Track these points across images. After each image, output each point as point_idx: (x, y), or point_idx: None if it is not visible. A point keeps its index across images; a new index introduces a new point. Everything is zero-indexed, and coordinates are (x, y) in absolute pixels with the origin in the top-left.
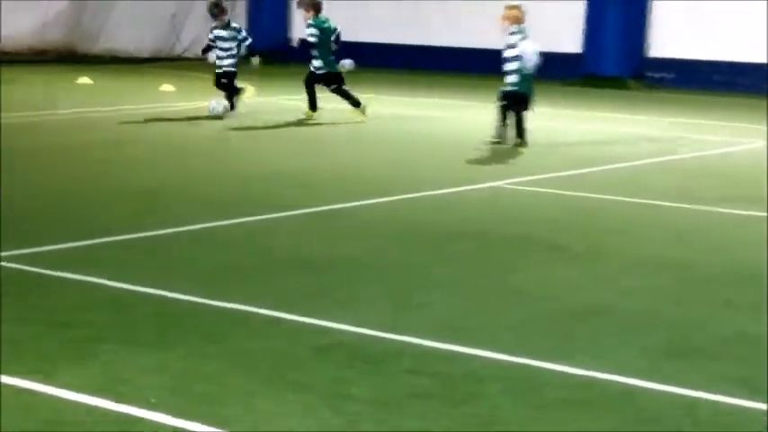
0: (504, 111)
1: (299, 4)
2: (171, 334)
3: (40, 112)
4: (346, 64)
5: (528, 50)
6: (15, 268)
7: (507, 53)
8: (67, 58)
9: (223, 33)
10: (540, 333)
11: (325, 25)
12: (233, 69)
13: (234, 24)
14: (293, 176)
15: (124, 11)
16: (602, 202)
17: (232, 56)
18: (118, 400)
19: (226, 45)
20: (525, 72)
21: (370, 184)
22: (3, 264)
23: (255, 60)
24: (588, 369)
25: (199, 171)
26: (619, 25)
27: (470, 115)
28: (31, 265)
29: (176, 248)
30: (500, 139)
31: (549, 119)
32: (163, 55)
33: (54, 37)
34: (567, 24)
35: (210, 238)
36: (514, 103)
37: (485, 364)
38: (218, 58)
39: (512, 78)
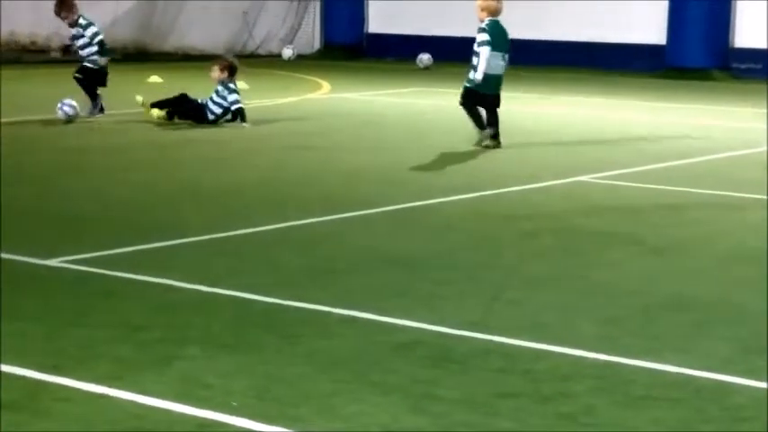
0: (471, 110)
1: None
2: (250, 336)
3: (111, 112)
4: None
5: (484, 57)
6: (88, 271)
7: (475, 47)
8: (137, 56)
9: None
10: (627, 329)
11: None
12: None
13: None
14: (373, 173)
15: (195, 8)
16: (686, 196)
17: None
18: (198, 405)
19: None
20: (490, 72)
21: (454, 179)
22: (78, 267)
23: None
24: (677, 365)
25: (272, 170)
26: (703, 16)
27: (557, 109)
28: (104, 268)
29: (255, 249)
30: (487, 141)
31: (634, 111)
32: (235, 52)
33: (124, 35)
34: (650, 16)
35: (289, 238)
36: (477, 102)
37: (573, 361)
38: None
39: (471, 74)
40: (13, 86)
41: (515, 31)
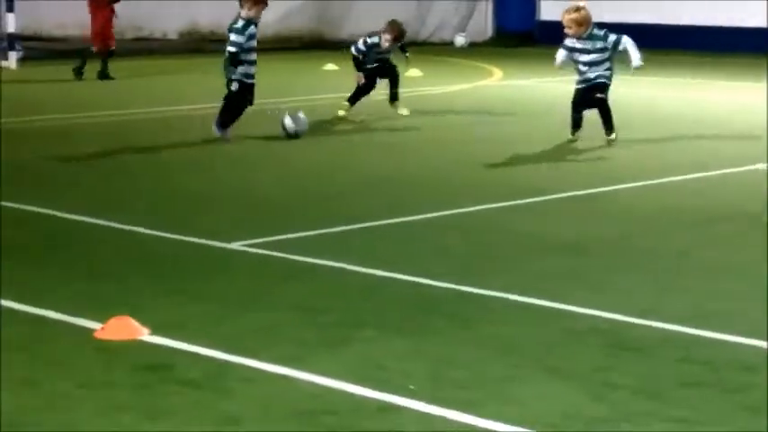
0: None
1: None
2: (425, 320)
3: (288, 99)
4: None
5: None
6: (267, 254)
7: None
8: (314, 44)
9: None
10: None
11: None
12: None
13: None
14: (544, 161)
15: None
16: None
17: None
18: (376, 387)
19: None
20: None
21: (625, 168)
22: (257, 251)
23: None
24: None
25: (445, 157)
26: None
27: (726, 96)
28: (282, 252)
29: (427, 235)
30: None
31: None
32: (408, 40)
33: (300, 24)
34: None
35: (459, 224)
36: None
37: (754, 351)
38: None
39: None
40: (195, 76)
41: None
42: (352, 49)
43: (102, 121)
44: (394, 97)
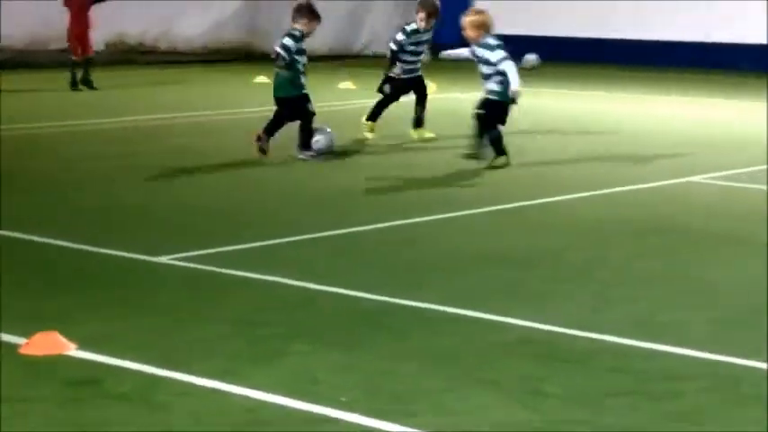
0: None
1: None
2: (360, 332)
3: (218, 111)
4: (531, 59)
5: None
6: (197, 268)
7: (498, 65)
8: (244, 56)
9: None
10: (737, 329)
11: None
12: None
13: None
14: (474, 173)
15: None
16: None
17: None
18: (310, 400)
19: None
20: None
21: (560, 180)
22: (186, 265)
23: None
24: None
25: (383, 169)
26: None
27: (659, 110)
28: (213, 265)
29: (362, 247)
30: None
31: (743, 112)
32: (341, 52)
33: (229, 36)
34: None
35: (393, 237)
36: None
37: (684, 360)
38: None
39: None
40: (122, 88)
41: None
42: (391, 44)
43: (24, 134)
44: (419, 123)
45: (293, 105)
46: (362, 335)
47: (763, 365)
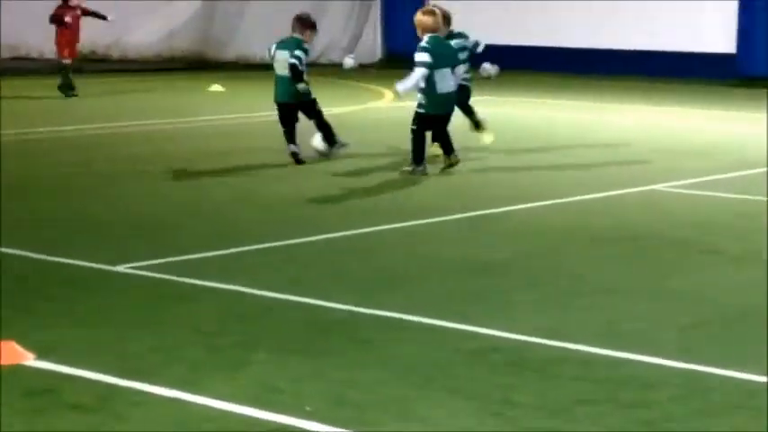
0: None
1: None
2: (323, 342)
3: (172, 120)
4: (489, 69)
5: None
6: (157, 277)
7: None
8: (197, 65)
9: None
10: (706, 337)
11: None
12: None
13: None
14: (440, 181)
15: (255, 17)
16: (760, 205)
17: None
18: (272, 410)
19: None
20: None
21: (522, 188)
22: (146, 273)
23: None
24: (757, 373)
25: (342, 178)
26: None
27: (629, 118)
28: (173, 274)
29: (325, 256)
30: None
31: (706, 120)
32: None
33: (183, 44)
34: (720, 25)
35: (357, 245)
36: (429, 126)
37: (651, 369)
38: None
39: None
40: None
41: (585, 40)
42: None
43: None
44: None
45: (308, 108)
46: (325, 344)
47: (733, 374)
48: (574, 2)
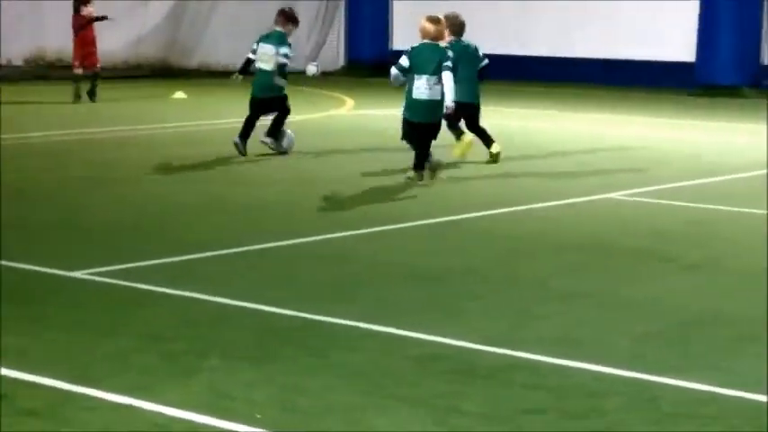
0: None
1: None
2: (274, 348)
3: (137, 127)
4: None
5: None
6: (112, 283)
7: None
8: (163, 73)
9: None
10: (656, 346)
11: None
12: None
13: None
14: (397, 189)
15: (219, 26)
16: (717, 213)
17: None
18: (223, 416)
19: None
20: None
21: (482, 196)
22: (102, 279)
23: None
24: (708, 383)
25: (299, 185)
26: (733, 33)
27: (586, 127)
28: (127, 280)
29: (278, 263)
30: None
31: (664, 129)
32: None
33: (149, 52)
34: (680, 33)
35: (310, 252)
36: (408, 132)
37: (601, 378)
38: None
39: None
40: (39, 103)
41: (544, 48)
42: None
43: None
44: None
45: (280, 103)
46: (277, 351)
47: (684, 383)
48: (532, 11)
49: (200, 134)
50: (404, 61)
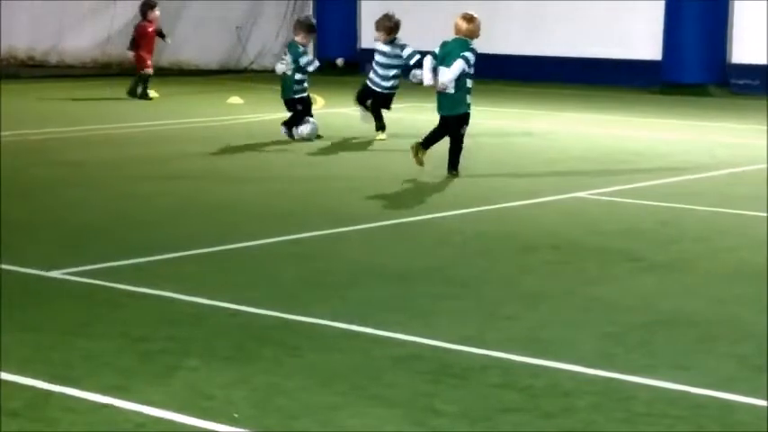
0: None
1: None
2: (251, 348)
3: (107, 126)
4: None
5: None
6: (89, 283)
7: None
8: (132, 71)
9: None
10: (627, 345)
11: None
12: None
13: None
14: (369, 188)
15: (189, 24)
16: (683, 212)
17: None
18: (201, 416)
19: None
20: None
21: (450, 195)
22: (79, 279)
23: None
24: (677, 382)
25: (274, 184)
26: (699, 31)
27: (552, 125)
28: (105, 280)
29: (254, 262)
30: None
31: (631, 127)
32: (229, 67)
33: (119, 50)
34: (646, 32)
35: (287, 252)
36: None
37: (572, 377)
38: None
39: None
40: (11, 101)
41: (512, 47)
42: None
43: None
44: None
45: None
46: (253, 351)
47: (654, 382)
48: (499, 10)
49: (172, 132)
50: (434, 55)
